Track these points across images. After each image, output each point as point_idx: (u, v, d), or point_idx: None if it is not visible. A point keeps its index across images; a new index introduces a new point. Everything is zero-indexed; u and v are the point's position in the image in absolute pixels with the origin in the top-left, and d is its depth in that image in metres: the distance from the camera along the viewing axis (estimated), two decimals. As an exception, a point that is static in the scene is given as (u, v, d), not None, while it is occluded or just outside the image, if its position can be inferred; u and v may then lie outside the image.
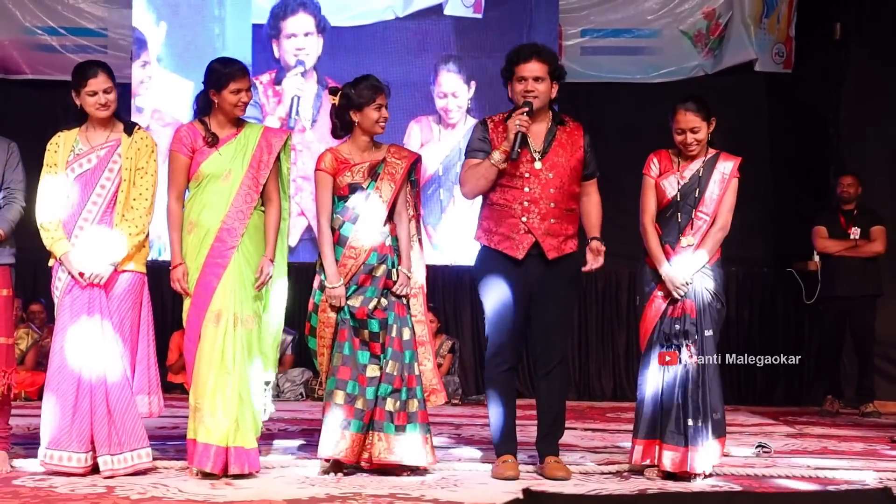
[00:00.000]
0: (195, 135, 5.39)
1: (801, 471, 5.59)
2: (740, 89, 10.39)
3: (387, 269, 5.42)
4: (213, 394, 5.21)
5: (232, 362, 5.23)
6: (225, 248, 5.30)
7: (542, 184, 5.40)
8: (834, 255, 9.04)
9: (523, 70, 5.40)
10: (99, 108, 5.27)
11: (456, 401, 9.43)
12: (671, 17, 10.44)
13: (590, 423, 7.89)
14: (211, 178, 5.35)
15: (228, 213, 5.32)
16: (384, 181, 5.47)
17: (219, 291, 5.27)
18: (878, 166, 9.72)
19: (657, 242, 5.48)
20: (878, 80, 9.77)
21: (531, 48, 5.48)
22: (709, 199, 5.46)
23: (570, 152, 5.46)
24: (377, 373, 5.35)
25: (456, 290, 10.18)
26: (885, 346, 9.50)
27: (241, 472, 5.15)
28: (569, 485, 5.18)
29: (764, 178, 10.35)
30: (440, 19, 9.87)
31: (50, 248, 5.25)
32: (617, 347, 10.22)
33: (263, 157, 5.40)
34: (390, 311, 5.42)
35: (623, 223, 5.72)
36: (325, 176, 5.46)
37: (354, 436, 5.27)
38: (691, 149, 5.46)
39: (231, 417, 5.19)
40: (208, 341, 5.24)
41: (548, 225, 5.40)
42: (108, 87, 5.29)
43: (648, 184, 5.55)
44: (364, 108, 5.42)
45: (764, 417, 8.57)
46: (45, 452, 5.18)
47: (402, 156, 5.59)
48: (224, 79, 5.35)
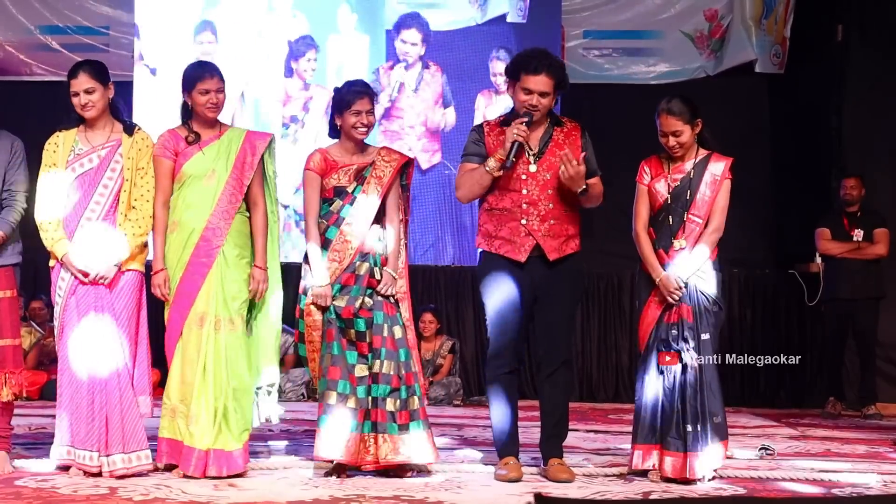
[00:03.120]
0: (177, 139, 5.41)
1: (806, 473, 5.57)
2: (741, 90, 10.42)
3: (369, 268, 5.40)
4: (198, 398, 5.22)
5: (213, 366, 5.22)
6: (210, 247, 5.30)
7: (539, 185, 5.37)
8: (836, 257, 9.03)
9: (530, 82, 5.33)
10: (81, 109, 5.27)
11: (458, 402, 9.41)
12: (673, 19, 10.46)
13: (591, 424, 7.88)
14: (194, 179, 5.34)
15: (214, 213, 5.31)
16: (370, 185, 5.45)
17: (202, 292, 5.27)
18: (880, 168, 9.70)
19: (650, 249, 5.46)
20: (879, 81, 9.76)
21: (542, 61, 5.35)
22: (700, 201, 5.42)
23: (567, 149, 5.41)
24: (365, 372, 5.33)
25: (457, 290, 10.17)
26: (887, 348, 9.49)
27: (218, 474, 5.14)
28: (572, 487, 5.16)
29: (765, 180, 10.37)
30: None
31: (51, 248, 5.23)
32: (618, 349, 10.22)
33: (247, 158, 5.40)
34: (377, 310, 5.39)
35: (623, 225, 5.69)
36: (313, 175, 5.45)
37: (352, 435, 5.25)
38: (675, 151, 5.43)
39: (213, 421, 5.19)
40: (192, 344, 5.25)
41: (548, 226, 5.38)
42: (89, 87, 5.25)
43: (641, 191, 5.53)
44: (344, 112, 5.42)
45: (766, 419, 8.56)
46: (65, 450, 5.18)
47: (391, 159, 5.56)
48: (192, 80, 5.39)
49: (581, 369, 10.14)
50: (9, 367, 5.31)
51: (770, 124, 10.58)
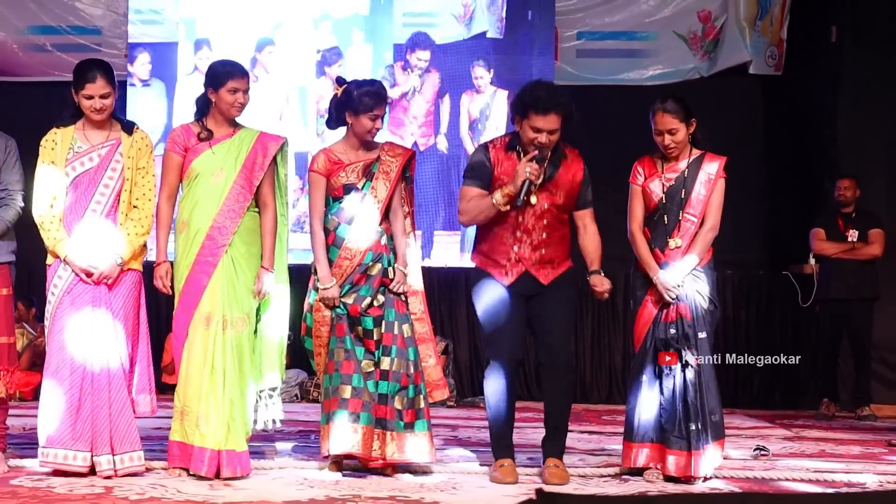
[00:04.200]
0: (189, 134, 5.38)
1: (801, 473, 5.58)
2: (735, 91, 10.41)
3: (382, 268, 5.40)
4: (207, 398, 5.18)
5: (222, 366, 5.20)
6: (216, 246, 5.26)
7: (535, 216, 5.36)
8: (831, 258, 9.03)
9: (539, 122, 5.23)
10: (94, 112, 5.24)
11: (451, 403, 9.40)
12: (667, 20, 10.44)
13: (585, 425, 7.88)
14: (202, 176, 5.31)
15: (220, 212, 5.28)
16: (379, 180, 5.44)
17: (208, 292, 5.24)
18: (874, 169, 9.70)
19: (646, 248, 5.46)
20: (873, 82, 9.76)
21: (550, 100, 5.23)
22: (695, 199, 5.42)
23: (567, 183, 5.39)
24: (371, 368, 5.33)
25: (451, 291, 10.16)
26: (881, 349, 9.49)
27: (233, 475, 5.12)
28: (568, 488, 5.15)
29: (759, 181, 10.36)
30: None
31: (52, 247, 5.20)
32: (612, 350, 10.20)
33: (258, 159, 5.37)
34: (389, 307, 5.39)
35: (617, 225, 5.69)
36: (318, 177, 5.43)
37: (366, 428, 5.25)
38: (670, 150, 5.43)
39: (223, 421, 5.17)
40: (198, 345, 5.21)
41: (539, 255, 5.38)
42: (106, 92, 5.24)
43: (635, 191, 5.53)
44: (360, 115, 5.39)
45: (760, 420, 8.56)
46: (45, 451, 5.12)
47: (396, 153, 5.55)
48: (223, 77, 5.33)
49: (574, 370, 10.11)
50: (4, 364, 5.29)
51: (764, 125, 10.57)
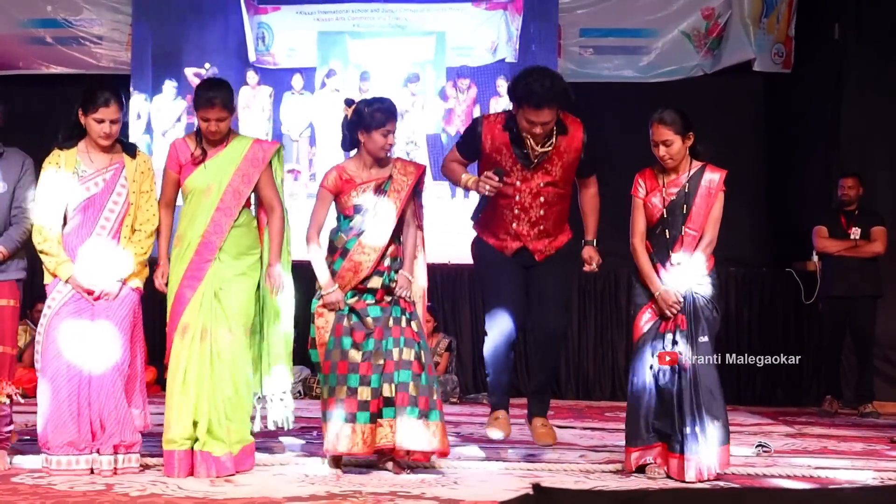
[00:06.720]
0: (185, 150, 5.43)
1: (803, 470, 5.58)
2: (739, 89, 10.41)
3: (383, 284, 5.40)
4: (174, 405, 5.23)
5: (196, 374, 5.21)
6: (202, 261, 5.31)
7: (532, 193, 5.41)
8: (833, 256, 9.01)
9: (531, 115, 5.30)
10: (102, 137, 5.27)
11: (454, 399, 9.41)
12: (670, 17, 10.42)
13: (588, 422, 7.89)
14: (195, 193, 5.38)
15: (208, 228, 5.33)
16: (390, 199, 5.44)
17: (191, 305, 5.29)
18: (878, 166, 9.67)
19: (648, 262, 5.43)
20: (877, 80, 9.74)
21: (543, 95, 5.26)
22: (696, 214, 5.39)
23: (567, 155, 5.43)
24: (381, 360, 5.31)
25: (454, 288, 10.17)
26: (884, 347, 9.48)
27: (206, 475, 5.13)
28: (570, 482, 5.16)
29: (762, 178, 10.36)
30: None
31: (54, 270, 5.24)
32: (615, 347, 10.19)
33: (248, 170, 5.40)
34: (395, 304, 5.41)
35: (620, 223, 5.68)
36: (326, 193, 5.47)
37: (364, 427, 5.25)
38: (666, 162, 5.41)
39: (186, 426, 5.18)
40: (174, 354, 5.29)
41: (537, 231, 5.47)
42: (116, 117, 5.28)
43: (637, 204, 5.50)
44: (372, 132, 5.38)
45: (763, 417, 8.56)
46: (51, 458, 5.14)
47: (407, 171, 5.54)
48: (196, 103, 5.42)
49: (577, 368, 10.14)
50: (4, 375, 5.34)
51: (767, 122, 10.57)
